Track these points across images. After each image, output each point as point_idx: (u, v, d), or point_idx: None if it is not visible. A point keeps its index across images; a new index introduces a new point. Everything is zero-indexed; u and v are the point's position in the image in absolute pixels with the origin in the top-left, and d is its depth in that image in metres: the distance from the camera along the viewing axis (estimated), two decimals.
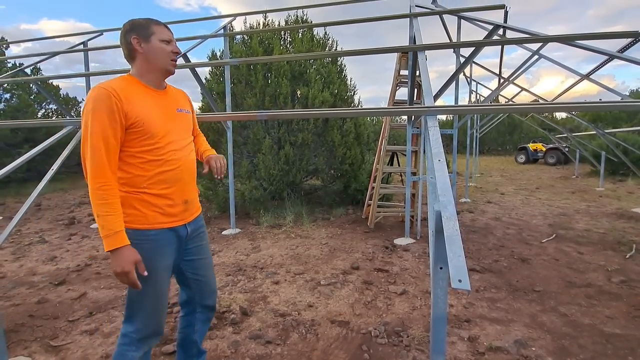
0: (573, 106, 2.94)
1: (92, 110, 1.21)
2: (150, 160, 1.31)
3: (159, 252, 1.37)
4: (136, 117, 1.27)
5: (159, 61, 1.37)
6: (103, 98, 1.21)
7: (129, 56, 1.37)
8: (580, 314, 2.56)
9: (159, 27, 1.38)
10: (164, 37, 1.38)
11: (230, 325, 2.42)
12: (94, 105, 1.21)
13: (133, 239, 1.27)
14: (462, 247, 1.11)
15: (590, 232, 4.74)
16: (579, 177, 11.24)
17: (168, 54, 1.38)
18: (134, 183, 1.29)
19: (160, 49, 1.36)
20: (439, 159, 1.53)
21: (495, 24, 3.28)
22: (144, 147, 1.30)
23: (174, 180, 1.37)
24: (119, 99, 1.23)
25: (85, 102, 1.24)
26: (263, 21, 6.61)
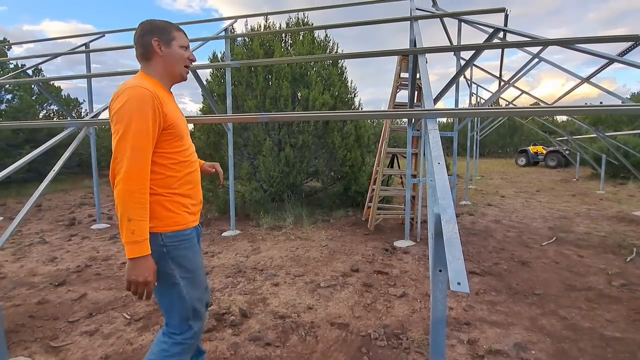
0: (574, 109, 2.94)
1: (138, 109, 1.18)
2: (180, 162, 1.34)
3: (196, 250, 1.42)
4: (172, 120, 1.29)
5: (175, 67, 1.38)
6: (147, 99, 1.20)
7: (144, 57, 1.36)
8: (581, 318, 2.55)
9: (179, 33, 1.40)
10: (184, 44, 1.39)
11: (230, 327, 2.42)
12: (139, 105, 1.18)
13: (174, 241, 1.29)
14: (462, 250, 1.11)
15: (590, 235, 4.73)
16: (579, 180, 11.24)
17: (185, 61, 1.40)
18: (166, 184, 1.30)
19: (180, 55, 1.38)
20: (439, 161, 1.53)
21: (495, 27, 3.29)
22: (175, 149, 1.32)
23: (195, 181, 1.43)
24: (160, 102, 1.24)
25: (125, 100, 1.19)
26: (264, 23, 6.63)
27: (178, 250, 1.31)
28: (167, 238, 1.29)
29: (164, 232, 1.28)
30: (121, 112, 1.19)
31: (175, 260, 1.31)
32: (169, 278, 1.32)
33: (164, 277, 1.31)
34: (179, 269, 1.32)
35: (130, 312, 2.64)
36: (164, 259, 1.29)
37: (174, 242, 1.30)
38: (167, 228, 1.29)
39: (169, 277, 1.32)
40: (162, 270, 1.29)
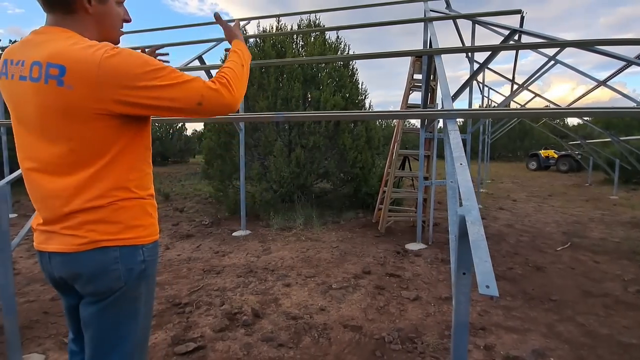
0: (589, 111, 2.89)
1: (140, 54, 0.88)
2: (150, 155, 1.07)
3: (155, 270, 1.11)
4: None
5: (110, 29, 1.01)
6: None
7: (61, 5, 0.90)
8: (598, 324, 2.50)
9: None
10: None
11: (242, 326, 2.42)
12: (136, 52, 0.89)
13: (152, 255, 1.02)
14: (488, 252, 1.09)
15: (605, 241, 4.64)
16: (592, 185, 11.04)
17: (120, 22, 1.04)
18: (144, 184, 1.01)
19: (117, 15, 1.01)
20: (461, 162, 1.50)
21: (512, 28, 3.25)
22: (148, 139, 1.04)
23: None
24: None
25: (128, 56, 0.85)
26: (276, 25, 6.67)
27: (152, 268, 1.03)
28: (148, 251, 1.00)
29: (147, 243, 0.99)
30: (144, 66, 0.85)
31: (147, 281, 1.01)
32: (134, 305, 0.98)
33: (128, 304, 0.97)
34: (146, 293, 1.02)
35: None
36: (138, 279, 0.97)
37: (152, 256, 1.03)
38: (150, 238, 1.01)
39: (134, 303, 0.98)
40: (130, 295, 0.97)
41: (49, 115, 0.87)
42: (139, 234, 0.97)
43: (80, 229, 0.90)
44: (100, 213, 0.91)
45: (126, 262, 0.94)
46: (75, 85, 0.83)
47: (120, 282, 0.94)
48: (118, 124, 0.89)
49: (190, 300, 2.83)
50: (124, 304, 0.96)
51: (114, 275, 0.93)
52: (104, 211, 0.91)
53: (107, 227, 0.92)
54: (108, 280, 0.93)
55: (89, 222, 0.91)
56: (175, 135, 19.56)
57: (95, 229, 0.91)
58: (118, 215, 0.93)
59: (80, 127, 0.86)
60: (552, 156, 16.60)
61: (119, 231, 0.93)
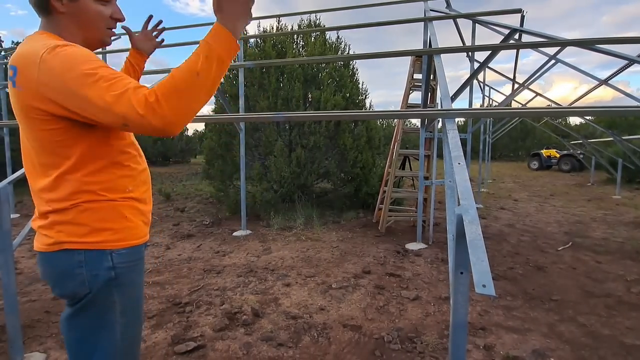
0: (590, 110, 2.88)
1: (86, 60, 0.79)
2: (135, 156, 1.00)
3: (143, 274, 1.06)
4: None
5: (92, 29, 0.94)
6: (93, 55, 0.84)
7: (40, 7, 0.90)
8: (600, 325, 2.48)
9: None
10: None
11: (242, 326, 2.42)
12: (87, 57, 0.80)
13: (126, 262, 0.95)
14: (485, 252, 1.08)
15: (607, 241, 4.61)
16: (594, 185, 10.99)
17: (105, 20, 0.95)
18: (118, 186, 0.95)
19: (96, 12, 0.93)
20: (459, 162, 1.50)
21: (512, 27, 3.24)
22: (129, 139, 1.00)
23: (149, 182, 1.08)
24: None
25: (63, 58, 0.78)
26: (276, 25, 6.67)
27: (128, 275, 0.95)
28: (120, 257, 0.93)
29: (117, 248, 0.92)
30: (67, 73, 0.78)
31: (122, 290, 0.94)
32: (105, 315, 0.93)
33: (98, 313, 0.92)
34: (122, 302, 0.94)
35: (144, 310, 2.66)
36: (108, 287, 0.91)
37: (127, 263, 0.95)
38: (122, 243, 0.94)
39: (105, 313, 0.93)
40: (99, 304, 0.91)
41: (17, 116, 0.89)
42: (106, 238, 0.91)
43: (52, 229, 0.90)
44: (67, 214, 0.89)
45: (91, 268, 0.89)
46: (23, 86, 0.82)
47: (84, 288, 0.89)
48: (70, 126, 0.84)
49: (191, 299, 2.83)
50: (93, 313, 0.92)
51: (78, 279, 0.89)
52: (70, 213, 0.89)
53: (73, 229, 0.89)
54: (72, 284, 0.90)
55: (58, 223, 0.90)
56: (176, 135, 19.61)
57: (63, 230, 0.90)
58: (84, 217, 0.89)
59: (36, 128, 0.85)
60: (554, 156, 16.53)
61: (85, 234, 0.89)
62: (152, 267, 3.62)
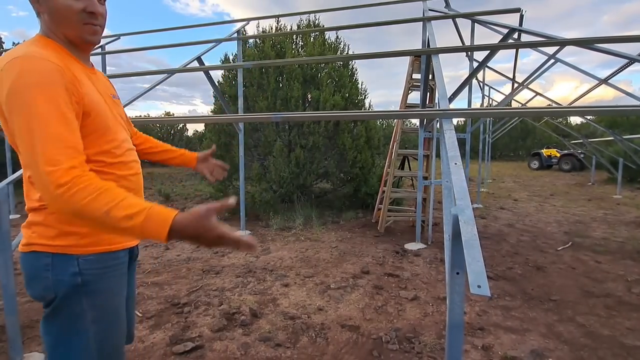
0: (590, 110, 2.86)
1: (38, 84, 0.75)
2: (110, 164, 0.94)
3: (124, 282, 1.01)
4: (90, 104, 0.87)
5: (66, 25, 0.88)
6: (53, 72, 0.78)
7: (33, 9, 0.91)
8: (599, 325, 2.47)
9: None
10: None
11: (240, 326, 2.42)
12: (40, 79, 0.76)
13: (95, 268, 0.90)
14: (481, 252, 1.08)
15: (608, 241, 4.60)
16: (595, 184, 10.98)
17: (77, 15, 0.88)
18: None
19: (66, 8, 0.86)
20: (455, 162, 1.50)
21: (511, 27, 3.23)
22: (103, 147, 0.92)
23: (135, 187, 1.02)
24: (74, 78, 0.83)
25: (15, 76, 0.75)
26: (275, 25, 6.67)
27: (99, 283, 0.91)
28: (87, 263, 0.89)
29: (83, 253, 0.89)
30: (13, 96, 0.75)
31: (92, 297, 0.90)
32: (75, 322, 0.89)
33: (67, 319, 0.89)
34: (93, 310, 0.90)
35: (142, 310, 2.66)
36: (75, 293, 0.88)
37: (96, 270, 0.90)
38: (89, 248, 0.90)
39: (75, 320, 0.89)
40: (67, 310, 0.88)
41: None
42: (72, 242, 0.88)
43: (29, 228, 0.91)
44: (39, 215, 0.89)
45: (57, 272, 0.87)
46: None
47: (50, 292, 0.87)
48: None
49: (189, 300, 2.83)
50: (63, 319, 0.89)
51: (44, 283, 0.87)
52: (41, 213, 0.88)
53: (43, 230, 0.88)
54: (39, 287, 0.89)
55: (34, 223, 0.90)
56: (176, 135, 19.63)
57: (36, 230, 0.89)
58: (52, 218, 0.88)
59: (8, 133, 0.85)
60: (554, 155, 16.52)
61: (53, 236, 0.87)
62: (151, 267, 3.62)
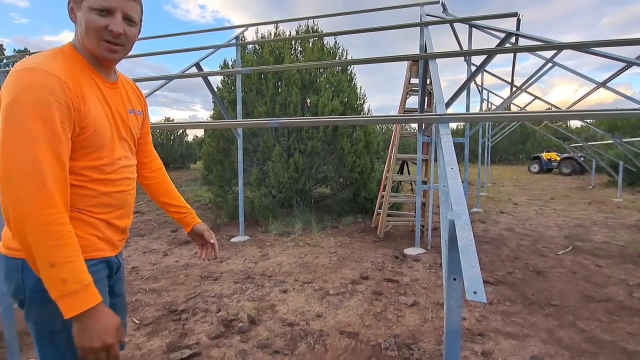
0: (588, 114, 2.86)
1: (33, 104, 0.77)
2: (95, 180, 0.94)
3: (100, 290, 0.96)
4: (88, 121, 0.88)
5: (87, 40, 0.91)
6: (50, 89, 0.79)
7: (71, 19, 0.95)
8: (600, 330, 2.45)
9: None
10: (94, 4, 0.87)
11: (238, 333, 2.40)
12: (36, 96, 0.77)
13: None
14: (477, 258, 1.07)
15: (609, 245, 4.58)
16: (595, 188, 10.96)
17: (98, 31, 0.89)
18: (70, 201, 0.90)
19: (89, 22, 0.88)
20: (452, 167, 1.49)
21: (507, 31, 3.25)
22: (91, 163, 0.92)
23: (119, 205, 1.02)
24: (75, 92, 0.84)
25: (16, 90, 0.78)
26: (274, 31, 6.71)
27: None
28: None
29: None
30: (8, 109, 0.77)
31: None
32: (45, 325, 0.90)
33: (39, 322, 0.91)
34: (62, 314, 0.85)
35: (140, 317, 2.64)
36: (41, 299, 0.86)
37: None
38: None
39: (46, 325, 0.90)
40: (37, 312, 0.90)
41: None
42: None
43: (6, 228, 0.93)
44: None
45: (26, 275, 0.88)
46: None
47: (20, 293, 0.90)
48: None
49: (187, 307, 2.81)
50: (35, 321, 0.91)
51: (15, 284, 0.90)
52: None
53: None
54: (12, 287, 0.92)
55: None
56: (176, 141, 19.66)
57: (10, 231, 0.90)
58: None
59: None
60: (554, 159, 16.51)
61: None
62: (149, 274, 3.60)
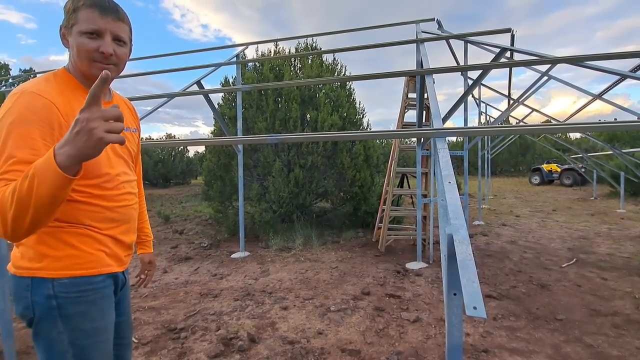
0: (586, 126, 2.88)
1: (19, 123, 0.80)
2: (97, 196, 0.96)
3: (108, 306, 1.00)
4: None
5: (80, 63, 0.94)
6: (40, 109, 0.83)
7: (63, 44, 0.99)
8: (608, 345, 2.40)
9: (86, 10, 0.90)
10: (84, 28, 0.90)
11: (238, 352, 2.35)
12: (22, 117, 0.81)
13: (71, 292, 0.91)
14: (477, 273, 1.06)
15: (613, 257, 4.53)
16: (597, 199, 10.91)
17: (89, 54, 0.92)
18: (72, 217, 0.92)
19: (80, 45, 0.91)
20: (449, 180, 1.50)
21: (502, 47, 3.31)
22: (89, 181, 0.94)
23: (124, 219, 1.05)
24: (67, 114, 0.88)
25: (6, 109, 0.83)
26: (274, 49, 6.85)
27: (75, 306, 0.91)
28: (62, 287, 0.90)
29: (58, 277, 0.89)
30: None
31: (67, 320, 0.90)
32: (54, 344, 0.90)
33: (46, 341, 0.91)
34: (71, 332, 0.91)
35: (138, 336, 2.59)
36: (51, 317, 0.89)
37: (72, 293, 0.91)
38: (64, 272, 0.90)
39: (53, 342, 0.90)
40: (45, 331, 0.90)
41: None
42: (46, 264, 0.89)
43: (17, 248, 0.94)
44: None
45: (34, 293, 0.89)
46: None
47: (29, 312, 0.90)
48: None
49: (186, 325, 2.77)
50: (42, 340, 0.91)
51: (24, 303, 0.90)
52: None
53: (25, 251, 0.92)
54: (21, 306, 0.91)
55: (22, 243, 0.93)
56: (177, 157, 19.76)
57: (21, 250, 0.93)
58: (31, 239, 0.89)
59: None
60: (555, 170, 16.50)
61: (32, 257, 0.90)
62: (149, 291, 3.56)
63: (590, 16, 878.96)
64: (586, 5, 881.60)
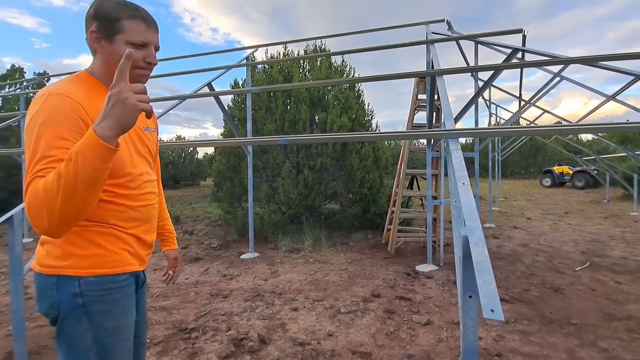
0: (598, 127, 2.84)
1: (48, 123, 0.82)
2: (122, 195, 0.99)
3: (128, 304, 1.02)
4: None
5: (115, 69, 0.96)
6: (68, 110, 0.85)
7: (89, 48, 1.00)
8: (622, 349, 2.35)
9: (132, 22, 0.94)
10: (135, 39, 0.95)
11: (248, 353, 2.36)
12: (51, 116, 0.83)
13: (96, 290, 0.93)
14: (493, 275, 1.06)
15: (627, 260, 4.44)
16: (610, 201, 10.70)
17: (136, 62, 0.95)
18: (98, 216, 0.94)
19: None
20: (463, 182, 1.49)
21: (514, 47, 3.28)
22: (115, 180, 0.96)
23: (147, 218, 1.07)
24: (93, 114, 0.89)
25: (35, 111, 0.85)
26: (283, 51, 6.89)
27: (100, 304, 0.93)
28: (88, 285, 0.92)
29: (84, 275, 0.92)
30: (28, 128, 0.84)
31: (92, 318, 0.92)
32: (78, 343, 0.92)
33: (70, 338, 0.93)
34: (95, 330, 0.93)
35: (150, 336, 2.63)
36: (76, 314, 0.91)
37: (97, 292, 0.93)
38: (90, 270, 0.92)
39: (77, 340, 0.92)
40: (70, 329, 0.92)
41: None
42: (73, 263, 0.92)
43: (42, 246, 0.96)
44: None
45: (61, 291, 0.91)
46: None
47: (54, 309, 0.92)
48: None
49: (197, 325, 2.79)
50: (66, 338, 0.93)
51: (50, 301, 0.92)
52: None
53: (51, 249, 0.93)
54: (45, 304, 0.93)
55: (45, 241, 0.96)
56: (187, 158, 19.97)
57: (46, 248, 0.95)
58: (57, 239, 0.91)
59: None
60: (566, 172, 16.25)
61: (58, 256, 0.92)
62: (159, 291, 3.60)
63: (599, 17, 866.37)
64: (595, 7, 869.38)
